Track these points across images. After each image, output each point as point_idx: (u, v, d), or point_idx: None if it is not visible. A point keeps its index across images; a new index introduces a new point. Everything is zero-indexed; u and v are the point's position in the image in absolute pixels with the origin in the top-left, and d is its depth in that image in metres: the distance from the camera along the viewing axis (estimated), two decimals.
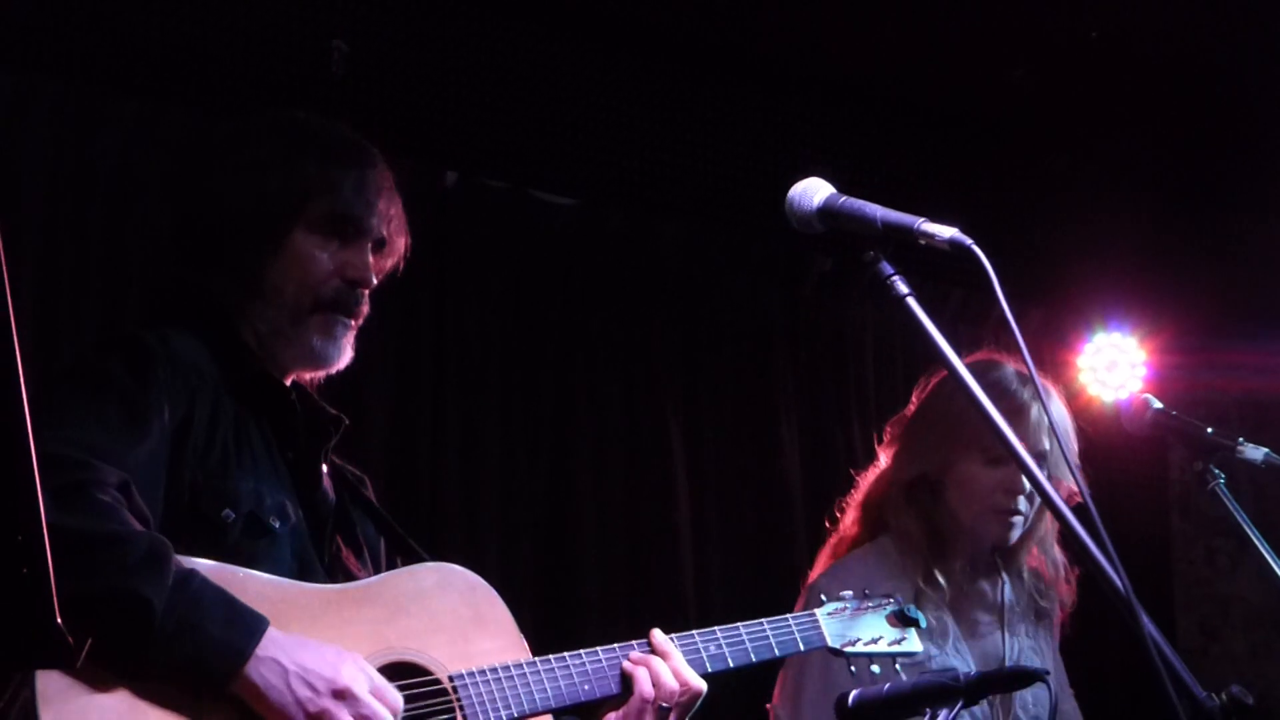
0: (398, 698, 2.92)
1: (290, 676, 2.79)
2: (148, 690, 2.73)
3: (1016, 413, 4.07)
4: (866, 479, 4.36)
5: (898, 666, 3.64)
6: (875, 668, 3.59)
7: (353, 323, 3.29)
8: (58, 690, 2.64)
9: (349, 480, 3.42)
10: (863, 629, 3.63)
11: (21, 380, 1.66)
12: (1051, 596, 4.33)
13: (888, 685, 2.91)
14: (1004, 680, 2.91)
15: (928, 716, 2.78)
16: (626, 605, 6.16)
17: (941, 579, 4.14)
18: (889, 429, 4.44)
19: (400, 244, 3.39)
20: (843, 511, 4.39)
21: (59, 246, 5.14)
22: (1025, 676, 2.94)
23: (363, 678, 2.86)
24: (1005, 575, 4.26)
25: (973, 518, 4.12)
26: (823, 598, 3.66)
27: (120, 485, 2.80)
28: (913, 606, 3.71)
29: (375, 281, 3.31)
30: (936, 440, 4.18)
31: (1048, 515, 4.20)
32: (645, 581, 6.33)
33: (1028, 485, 4.07)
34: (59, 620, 1.68)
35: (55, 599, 1.67)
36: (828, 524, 4.43)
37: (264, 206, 3.19)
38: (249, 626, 2.80)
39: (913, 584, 4.10)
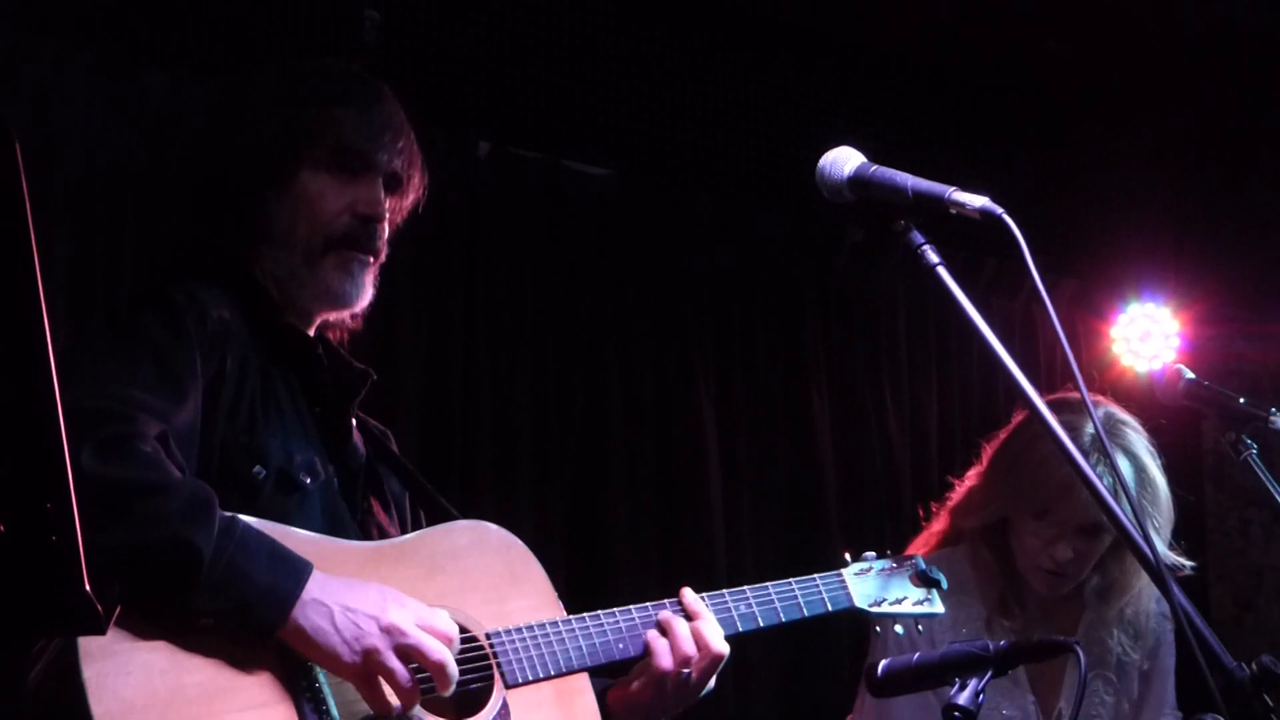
0: (450, 627, 2.91)
1: (336, 617, 2.79)
2: (191, 642, 2.73)
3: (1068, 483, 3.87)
4: (961, 487, 4.26)
5: (920, 628, 3.68)
6: (898, 628, 3.61)
7: (370, 259, 3.23)
8: (100, 645, 2.64)
9: (374, 435, 3.41)
10: (889, 589, 3.63)
11: (51, 354, 1.67)
12: (1141, 649, 4.19)
13: (917, 655, 2.91)
14: (1033, 651, 2.91)
15: (957, 686, 2.78)
16: (658, 569, 6.19)
17: (1016, 608, 4.10)
18: (983, 446, 4.31)
19: (417, 179, 3.33)
20: (935, 510, 4.33)
21: (95, 214, 5.16)
22: (1054, 647, 2.94)
23: (408, 613, 2.85)
24: (1087, 620, 4.17)
25: (1024, 568, 4.08)
26: (848, 558, 3.67)
27: (160, 436, 2.80)
28: (935, 568, 3.70)
29: (387, 216, 3.26)
30: (998, 487, 4.11)
31: (1142, 573, 3.99)
32: (676, 548, 6.35)
33: (1073, 549, 3.97)
34: (88, 587, 1.69)
35: (84, 566, 1.68)
36: (920, 512, 4.42)
37: (266, 150, 3.16)
38: (294, 571, 2.80)
39: (984, 608, 4.08)
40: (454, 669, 2.88)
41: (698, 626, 3.28)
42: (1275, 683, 2.42)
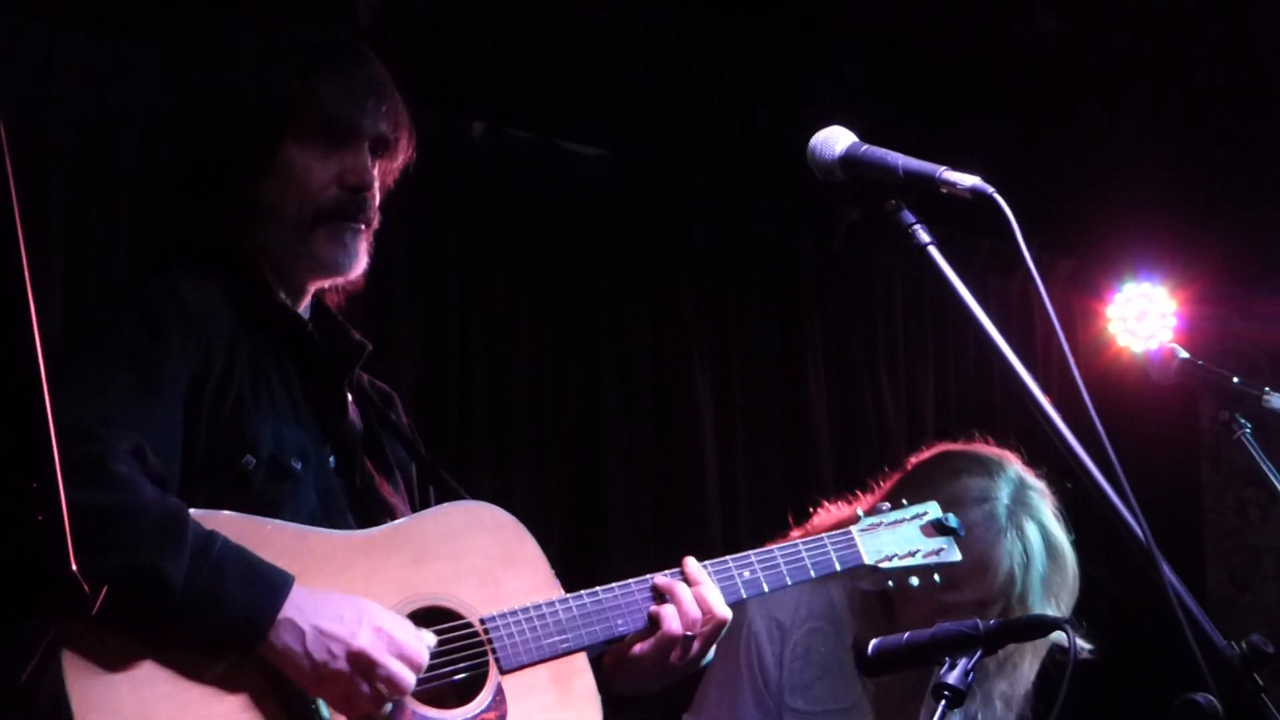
0: (421, 653, 2.88)
1: (308, 639, 2.76)
2: (175, 659, 2.72)
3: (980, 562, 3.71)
4: (839, 510, 3.95)
5: (937, 578, 3.55)
6: (914, 580, 3.52)
7: (362, 228, 3.16)
8: (84, 664, 2.63)
9: (375, 402, 3.35)
10: (899, 543, 3.57)
11: (36, 332, 1.67)
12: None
13: (907, 634, 2.90)
14: (1022, 629, 2.90)
15: (946, 665, 2.78)
16: (655, 549, 6.18)
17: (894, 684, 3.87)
18: (877, 482, 4.05)
19: (405, 139, 3.25)
20: (822, 507, 4.06)
21: (87, 198, 5.16)
22: (1044, 625, 2.94)
23: (380, 640, 2.82)
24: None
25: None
26: (859, 512, 3.62)
27: (135, 451, 2.75)
28: (952, 516, 3.63)
29: (375, 183, 3.19)
30: None
31: (1028, 649, 3.86)
32: (672, 527, 6.35)
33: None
34: (74, 567, 1.69)
35: (70, 546, 1.68)
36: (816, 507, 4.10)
37: (249, 125, 3.09)
38: (272, 589, 2.77)
39: (847, 639, 3.90)
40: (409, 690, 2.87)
41: (699, 591, 3.26)
42: (1265, 661, 2.42)
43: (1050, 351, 7.49)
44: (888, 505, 3.67)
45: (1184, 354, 4.40)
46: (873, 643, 2.93)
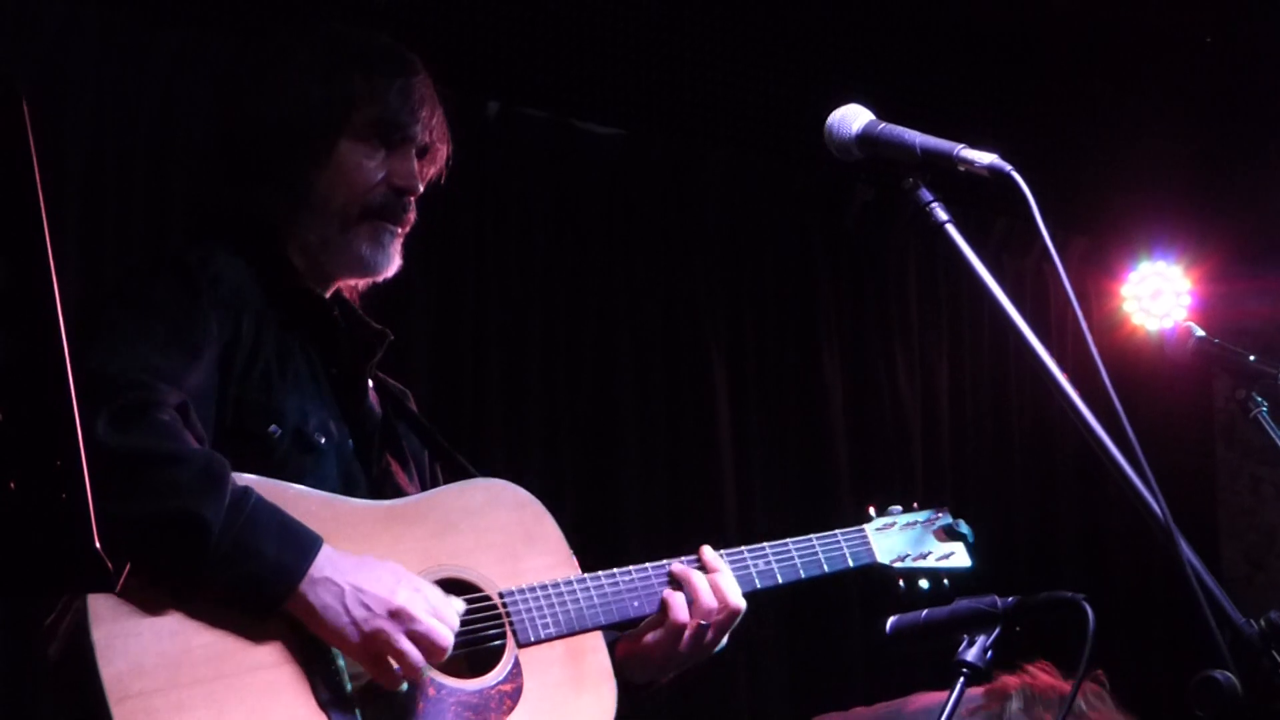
0: (455, 616, 2.93)
1: (346, 596, 2.80)
2: (200, 609, 2.75)
3: None
4: None
5: (946, 583, 3.59)
6: (924, 583, 3.56)
7: (399, 230, 3.26)
8: (109, 608, 2.67)
9: (392, 394, 3.41)
10: (911, 544, 3.61)
11: (59, 310, 1.68)
12: None
13: (925, 611, 2.91)
14: (1042, 606, 2.90)
15: (965, 642, 2.78)
16: (668, 529, 6.20)
17: None
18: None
19: (443, 151, 3.36)
20: None
21: (103, 176, 5.16)
22: (1063, 604, 2.94)
23: (419, 597, 2.87)
24: None
25: None
26: (871, 512, 3.65)
27: (179, 406, 2.82)
28: (962, 521, 3.67)
29: (421, 189, 3.29)
30: None
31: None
32: (686, 506, 6.36)
33: None
34: (98, 545, 1.70)
35: (94, 523, 1.69)
36: None
37: (310, 118, 3.17)
38: (304, 546, 2.81)
39: None
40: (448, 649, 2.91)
41: (715, 579, 3.28)
42: None
43: (1065, 331, 7.49)
44: (899, 508, 3.68)
45: (1200, 332, 4.39)
46: (891, 620, 2.93)
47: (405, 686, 2.90)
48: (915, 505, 3.71)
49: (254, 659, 2.78)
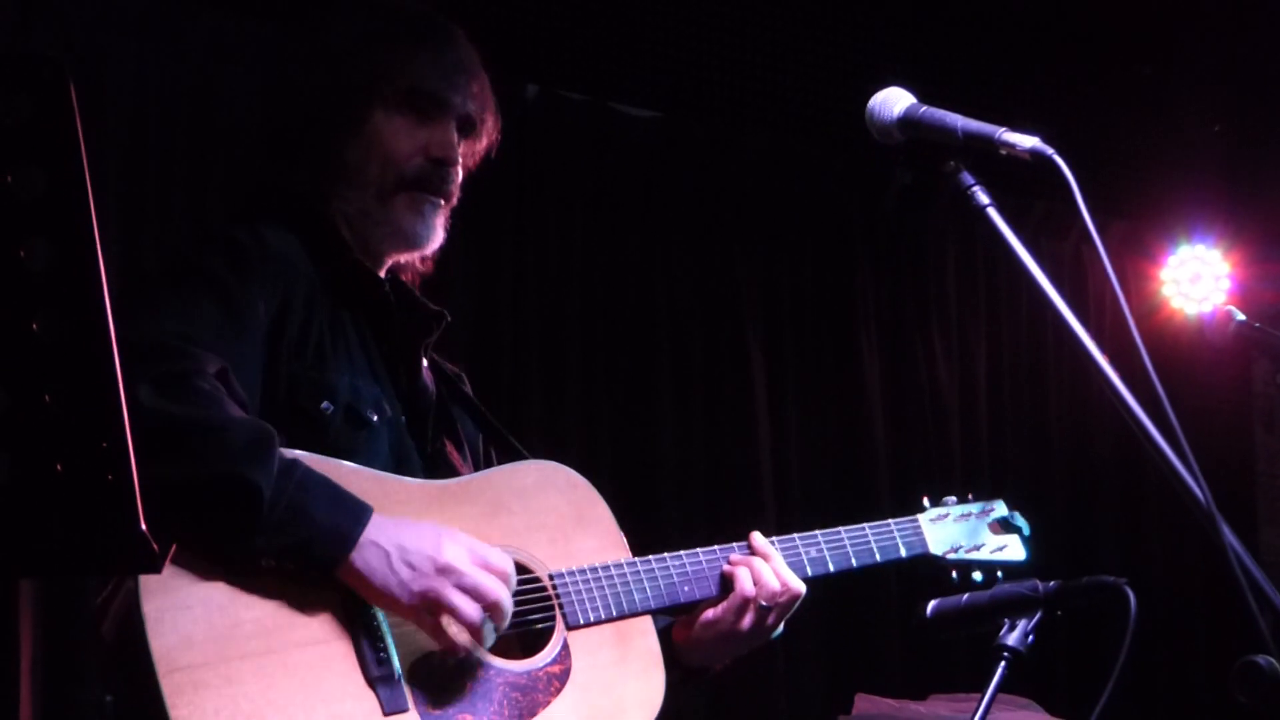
0: (506, 563, 2.90)
1: (392, 558, 2.79)
2: (251, 583, 2.74)
3: None
4: None
5: (1000, 575, 3.54)
6: (977, 575, 3.52)
7: (442, 202, 3.23)
8: (160, 582, 2.66)
9: (448, 376, 3.40)
10: (965, 535, 3.58)
11: (106, 293, 1.68)
12: None
13: (966, 595, 2.91)
14: (1083, 591, 2.90)
15: (1006, 626, 2.78)
16: (705, 512, 6.20)
17: None
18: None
19: (490, 123, 3.34)
20: None
21: (144, 157, 5.19)
22: (1104, 588, 2.93)
23: (465, 552, 2.85)
24: None
25: None
26: (925, 502, 3.64)
27: (220, 373, 2.80)
28: (1018, 514, 3.65)
29: (460, 160, 3.25)
30: None
31: None
32: (724, 489, 6.36)
33: None
34: (143, 527, 1.71)
35: (140, 506, 1.69)
36: None
37: (339, 90, 3.15)
38: (354, 513, 2.79)
39: None
40: (509, 605, 2.88)
41: (773, 564, 3.27)
42: None
43: (1103, 314, 7.48)
44: (954, 499, 3.67)
45: (1240, 316, 4.37)
46: (931, 604, 2.93)
47: (462, 655, 2.88)
48: (970, 496, 3.69)
49: (303, 634, 2.78)
